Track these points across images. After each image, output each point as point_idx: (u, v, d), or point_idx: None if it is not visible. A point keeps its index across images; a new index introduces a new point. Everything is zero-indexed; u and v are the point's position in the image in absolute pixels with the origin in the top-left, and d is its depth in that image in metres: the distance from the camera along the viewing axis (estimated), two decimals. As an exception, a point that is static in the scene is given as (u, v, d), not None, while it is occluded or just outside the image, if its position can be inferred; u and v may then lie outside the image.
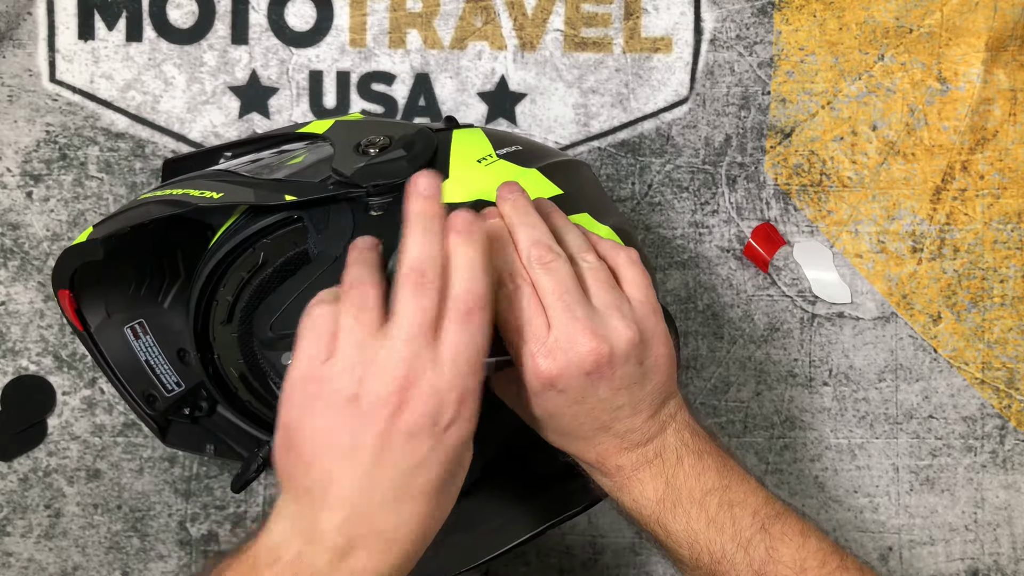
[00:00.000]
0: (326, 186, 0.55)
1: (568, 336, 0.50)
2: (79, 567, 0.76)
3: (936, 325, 0.79)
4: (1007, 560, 0.80)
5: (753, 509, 0.54)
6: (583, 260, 0.53)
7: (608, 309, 0.52)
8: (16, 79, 0.75)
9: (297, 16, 0.76)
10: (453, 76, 0.77)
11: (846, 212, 0.79)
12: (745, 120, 0.78)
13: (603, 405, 0.53)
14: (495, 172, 0.57)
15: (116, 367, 0.65)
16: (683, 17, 0.77)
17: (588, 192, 0.61)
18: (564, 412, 0.53)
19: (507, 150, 0.59)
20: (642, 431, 0.54)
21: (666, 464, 0.54)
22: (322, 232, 0.54)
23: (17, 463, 0.76)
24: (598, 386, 0.52)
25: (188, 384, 0.67)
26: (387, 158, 0.55)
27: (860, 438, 0.79)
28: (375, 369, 0.46)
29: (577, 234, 0.54)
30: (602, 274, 0.53)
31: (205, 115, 0.76)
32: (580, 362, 0.50)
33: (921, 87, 0.78)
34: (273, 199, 0.55)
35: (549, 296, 0.51)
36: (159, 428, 0.67)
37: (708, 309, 0.78)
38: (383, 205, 0.54)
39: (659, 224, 0.78)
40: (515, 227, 0.52)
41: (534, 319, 0.50)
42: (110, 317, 0.64)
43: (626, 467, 0.54)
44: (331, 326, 0.47)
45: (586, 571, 0.78)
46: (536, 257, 0.51)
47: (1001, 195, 0.79)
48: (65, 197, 0.75)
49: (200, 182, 0.58)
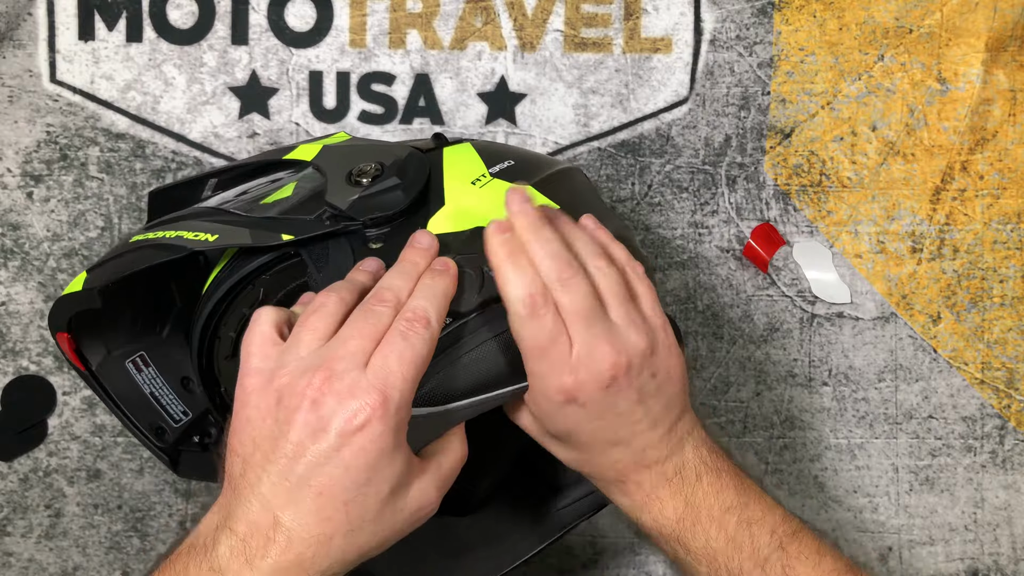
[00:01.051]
0: (322, 221, 0.54)
1: (589, 350, 0.51)
2: (79, 567, 0.76)
3: (936, 325, 0.79)
4: (1007, 560, 0.80)
5: (771, 527, 0.54)
6: (596, 268, 0.53)
7: (624, 322, 0.52)
8: (16, 80, 0.75)
9: (297, 16, 0.76)
10: (453, 76, 0.77)
11: (846, 212, 0.79)
12: (745, 120, 0.78)
13: (621, 420, 0.53)
14: (490, 193, 0.56)
15: (122, 403, 0.65)
16: (683, 17, 0.77)
17: (584, 203, 0.60)
18: (584, 428, 0.53)
19: (499, 167, 0.58)
20: (660, 448, 0.54)
21: (685, 482, 0.55)
22: (323, 271, 0.54)
23: (17, 463, 0.76)
24: (617, 399, 0.52)
25: (195, 412, 0.67)
26: (381, 188, 0.54)
27: (860, 438, 0.79)
28: (302, 366, 0.47)
29: (587, 240, 0.54)
30: (617, 286, 0.53)
31: (205, 115, 0.76)
32: (600, 374, 0.51)
33: (921, 87, 0.78)
34: (270, 239, 0.54)
35: (570, 313, 0.51)
36: (171, 460, 0.67)
37: (708, 309, 0.79)
38: (381, 236, 0.54)
39: (659, 224, 0.78)
40: (530, 243, 0.52)
41: (558, 337, 0.51)
42: (110, 354, 0.64)
43: (646, 485, 0.55)
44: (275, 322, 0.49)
45: (586, 571, 0.78)
46: (556, 273, 0.51)
47: (1001, 195, 0.79)
48: (65, 197, 0.76)
49: (193, 223, 0.57)
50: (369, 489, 0.46)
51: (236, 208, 0.59)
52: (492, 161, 0.59)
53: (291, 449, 0.46)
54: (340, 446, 0.45)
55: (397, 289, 0.50)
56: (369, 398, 0.46)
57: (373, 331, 0.48)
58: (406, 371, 0.47)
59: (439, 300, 0.50)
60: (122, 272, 0.56)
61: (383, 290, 0.50)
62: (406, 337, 0.47)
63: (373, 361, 0.47)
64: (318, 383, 0.46)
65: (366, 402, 0.45)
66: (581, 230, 0.55)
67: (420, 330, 0.48)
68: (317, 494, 0.46)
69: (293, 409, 0.46)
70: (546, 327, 0.50)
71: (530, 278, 0.51)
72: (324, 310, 0.49)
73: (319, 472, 0.45)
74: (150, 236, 0.58)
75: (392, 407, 0.46)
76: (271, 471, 0.46)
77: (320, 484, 0.46)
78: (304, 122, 0.76)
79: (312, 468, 0.45)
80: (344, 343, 0.47)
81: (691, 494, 0.54)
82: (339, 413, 0.45)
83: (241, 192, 0.64)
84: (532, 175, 0.59)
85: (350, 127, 0.77)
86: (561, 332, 0.51)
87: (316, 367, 0.46)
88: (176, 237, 0.56)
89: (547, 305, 0.50)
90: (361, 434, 0.45)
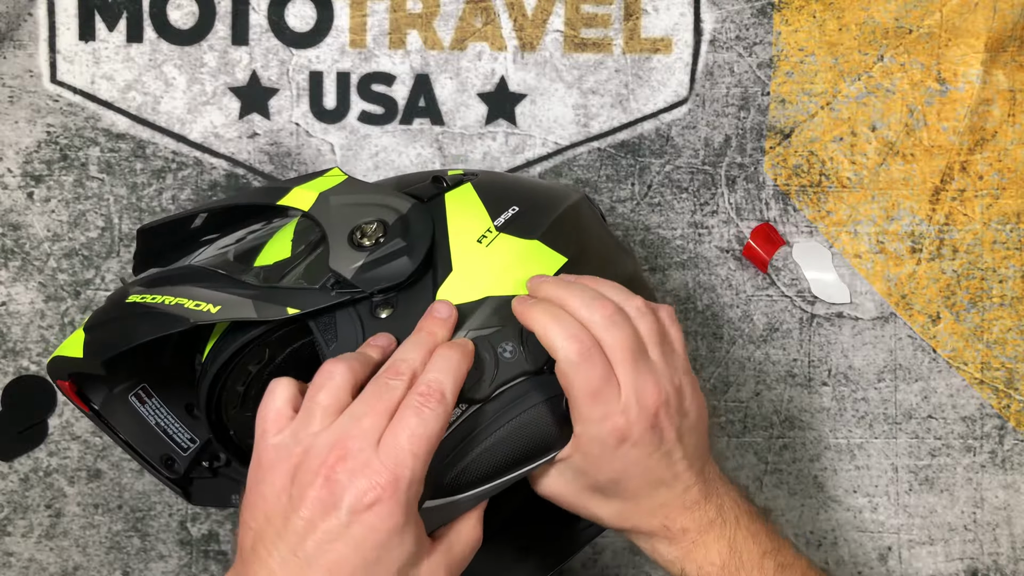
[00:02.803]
0: (327, 292, 0.54)
1: (637, 389, 0.52)
2: (80, 567, 0.76)
3: (935, 325, 0.79)
4: (1006, 560, 0.80)
5: (802, 572, 0.56)
6: (635, 310, 0.54)
7: (661, 362, 0.53)
8: (17, 80, 0.75)
9: (297, 17, 0.76)
10: (453, 77, 0.77)
11: (845, 212, 0.79)
12: (744, 121, 0.78)
13: (666, 459, 0.54)
14: (498, 253, 0.56)
15: (129, 439, 0.65)
16: (683, 18, 0.77)
17: (590, 248, 0.60)
18: (634, 470, 0.53)
19: (504, 217, 0.57)
20: (698, 487, 0.55)
21: (727, 525, 0.56)
22: (332, 344, 0.53)
23: (18, 463, 0.76)
24: (661, 436, 0.53)
25: (202, 438, 0.66)
26: (386, 252, 0.54)
27: (859, 438, 0.79)
28: (317, 443, 0.47)
29: (617, 288, 0.55)
30: (655, 324, 0.54)
31: (206, 116, 0.76)
32: (647, 411, 0.52)
33: (920, 88, 0.79)
34: (275, 313, 0.53)
35: (618, 352, 0.52)
36: (183, 490, 0.67)
37: (707, 309, 0.79)
38: (389, 301, 0.54)
39: (659, 225, 0.78)
40: (566, 299, 0.53)
41: (609, 379, 0.52)
42: (113, 392, 0.64)
43: (692, 530, 0.55)
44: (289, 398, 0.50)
45: (586, 571, 0.78)
46: (600, 316, 0.52)
47: (1000, 195, 0.79)
48: (66, 198, 0.76)
49: (193, 290, 0.56)
50: (378, 568, 0.46)
51: (232, 270, 0.58)
52: (496, 209, 0.58)
53: (302, 525, 0.46)
54: (350, 523, 0.45)
55: (412, 361, 0.50)
56: (380, 478, 0.46)
57: (386, 407, 0.48)
58: (417, 449, 0.47)
59: (455, 373, 0.50)
60: (124, 346, 0.56)
61: (399, 362, 0.50)
62: (419, 413, 0.47)
63: (385, 439, 0.47)
64: (332, 462, 0.46)
65: (376, 481, 0.46)
66: (609, 282, 0.56)
67: (434, 405, 0.48)
68: (326, 571, 0.45)
69: (306, 485, 0.46)
70: (597, 369, 0.51)
71: (574, 326, 0.52)
72: (332, 384, 0.49)
73: (329, 549, 0.46)
74: (148, 300, 0.56)
75: (403, 485, 0.46)
76: (281, 547, 0.46)
77: (329, 561, 0.46)
78: (304, 122, 0.76)
79: (322, 545, 0.46)
80: (358, 421, 0.47)
81: (733, 538, 0.56)
82: (350, 491, 0.46)
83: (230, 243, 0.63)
84: (538, 223, 0.58)
85: (350, 127, 0.77)
86: (611, 374, 0.52)
87: (331, 446, 0.47)
88: (177, 305, 0.55)
89: (595, 347, 0.52)
90: (371, 512, 0.46)
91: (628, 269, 0.61)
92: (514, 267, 0.55)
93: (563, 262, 0.57)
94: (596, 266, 0.58)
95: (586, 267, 0.57)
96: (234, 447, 0.62)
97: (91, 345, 0.58)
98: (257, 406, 0.58)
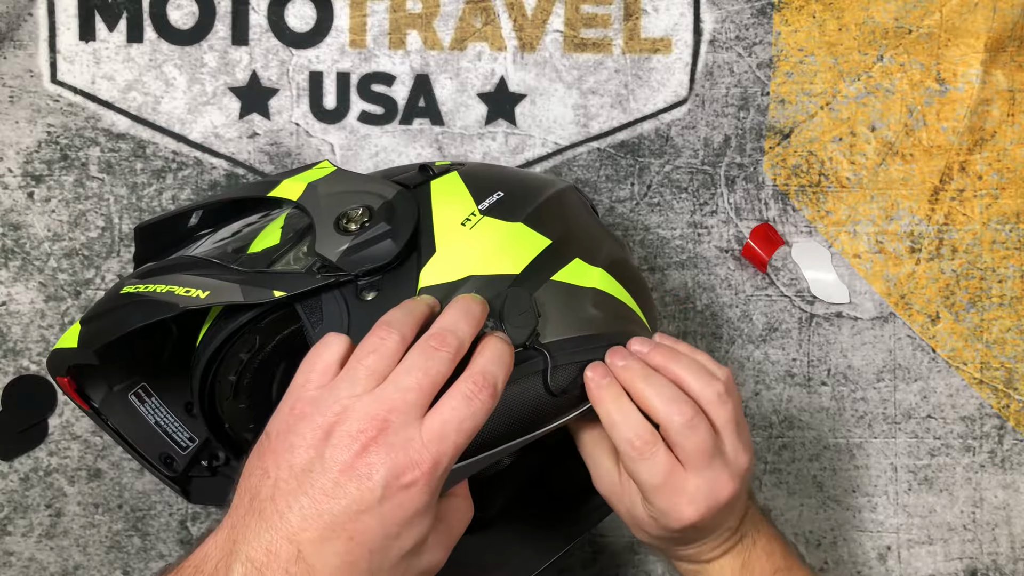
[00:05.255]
0: (313, 275, 0.54)
1: (711, 485, 0.54)
2: (80, 566, 0.76)
3: (934, 325, 0.79)
4: (1005, 560, 0.80)
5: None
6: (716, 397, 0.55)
7: (735, 451, 0.55)
8: (17, 80, 0.75)
9: (297, 17, 0.76)
10: (453, 77, 0.77)
11: (844, 212, 0.79)
12: (744, 121, 0.78)
13: (730, 514, 0.58)
14: (482, 235, 0.56)
15: (128, 437, 0.65)
16: (682, 18, 0.77)
17: (576, 230, 0.60)
18: (699, 537, 0.58)
19: (489, 201, 0.58)
20: (734, 526, 0.59)
21: (744, 544, 0.59)
22: (317, 326, 0.53)
23: (18, 463, 0.76)
24: (727, 514, 0.57)
25: (201, 437, 0.67)
26: (371, 236, 0.54)
27: (858, 438, 0.79)
28: (358, 406, 0.46)
29: (697, 369, 0.56)
30: (732, 413, 0.55)
31: (206, 116, 0.76)
32: (719, 501, 0.55)
33: (920, 88, 0.79)
34: (262, 296, 0.53)
35: (692, 453, 0.54)
36: (182, 489, 0.67)
37: (707, 309, 0.79)
38: (374, 284, 0.54)
39: (658, 224, 0.78)
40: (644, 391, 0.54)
41: (673, 471, 0.54)
42: (112, 390, 0.64)
43: (720, 547, 0.59)
44: (341, 355, 0.49)
45: (585, 571, 0.78)
46: (679, 418, 0.53)
47: (999, 195, 0.79)
48: (66, 198, 0.76)
49: (184, 277, 0.56)
50: (396, 543, 0.46)
51: (224, 259, 0.58)
52: (481, 194, 0.58)
53: (331, 487, 0.45)
54: (382, 499, 0.45)
55: (461, 334, 0.49)
56: (422, 460, 0.46)
57: (432, 382, 0.47)
58: (460, 440, 0.47)
59: (507, 369, 0.50)
60: (116, 333, 0.56)
61: (446, 333, 0.49)
62: (470, 403, 0.47)
63: (431, 420, 0.46)
64: (373, 432, 0.45)
65: (417, 462, 0.45)
66: (683, 356, 0.56)
67: (485, 398, 0.48)
68: (348, 538, 0.45)
69: (342, 448, 0.45)
70: (659, 465, 0.53)
71: (635, 421, 0.53)
72: (384, 348, 0.48)
73: (356, 518, 0.45)
74: (141, 289, 0.57)
75: (440, 471, 0.46)
76: (303, 502, 0.45)
77: (353, 529, 0.45)
78: (304, 122, 0.77)
79: (348, 512, 0.45)
80: (404, 393, 0.47)
81: (748, 556, 0.59)
82: (388, 466, 0.45)
83: (226, 235, 0.63)
84: (522, 207, 0.58)
85: (350, 127, 0.77)
86: (675, 465, 0.54)
87: (372, 414, 0.46)
88: (167, 292, 0.55)
89: (656, 444, 0.53)
90: (405, 492, 0.45)
91: (615, 254, 0.61)
92: (497, 248, 0.56)
93: (547, 244, 0.57)
94: (577, 250, 0.58)
95: (570, 247, 0.58)
96: (231, 442, 0.62)
97: (86, 335, 0.58)
98: (249, 396, 0.59)
